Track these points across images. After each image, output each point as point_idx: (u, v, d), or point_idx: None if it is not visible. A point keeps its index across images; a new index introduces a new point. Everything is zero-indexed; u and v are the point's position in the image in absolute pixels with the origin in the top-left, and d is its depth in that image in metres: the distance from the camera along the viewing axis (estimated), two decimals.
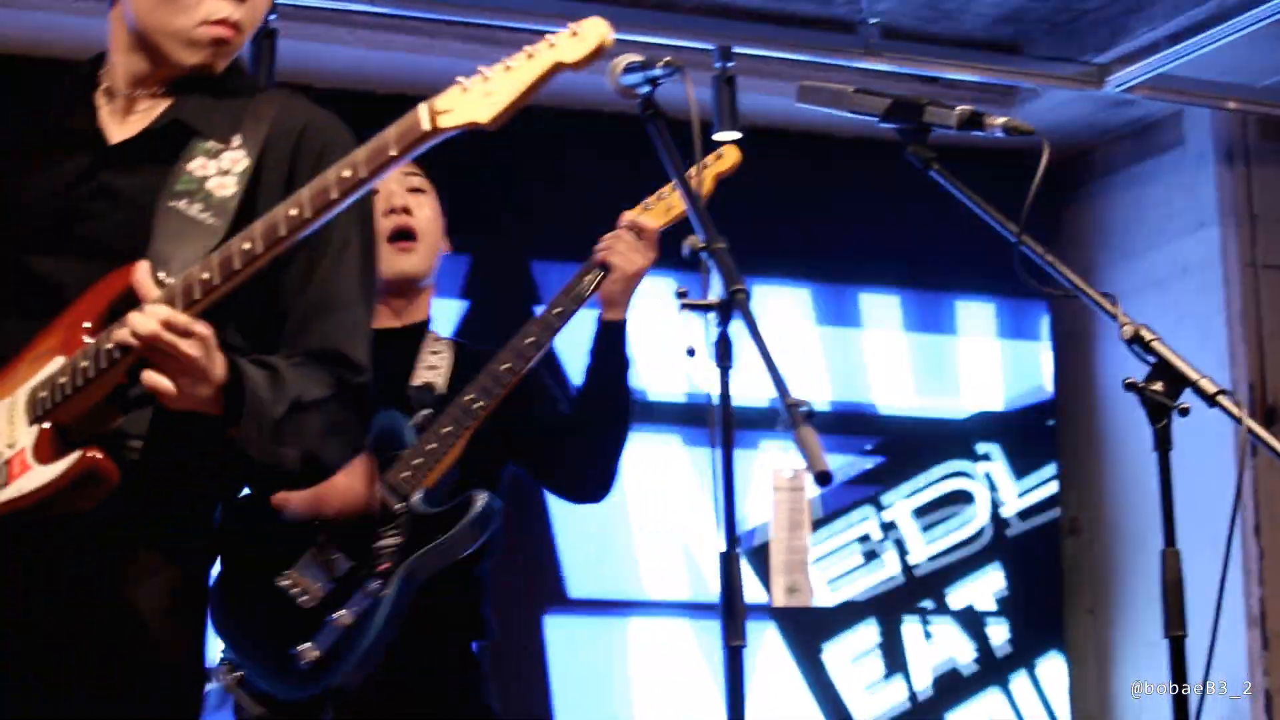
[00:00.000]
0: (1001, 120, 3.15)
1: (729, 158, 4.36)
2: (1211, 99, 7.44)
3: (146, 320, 2.57)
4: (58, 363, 2.68)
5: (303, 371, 2.79)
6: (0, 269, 2.86)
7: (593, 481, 4.36)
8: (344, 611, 3.83)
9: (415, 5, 6.48)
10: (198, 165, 2.83)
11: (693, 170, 2.98)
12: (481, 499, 3.97)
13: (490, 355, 4.13)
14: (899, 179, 3.78)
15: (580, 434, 4.28)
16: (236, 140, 2.87)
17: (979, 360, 8.04)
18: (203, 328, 2.60)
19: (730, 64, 6.54)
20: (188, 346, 2.58)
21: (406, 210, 4.22)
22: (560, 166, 7.23)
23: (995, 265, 3.47)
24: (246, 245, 2.62)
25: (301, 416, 2.75)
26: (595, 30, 2.54)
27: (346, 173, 2.62)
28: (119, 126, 2.93)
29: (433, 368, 4.25)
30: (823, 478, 2.48)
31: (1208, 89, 7.36)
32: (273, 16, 6.04)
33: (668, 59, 3.03)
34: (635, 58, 3.05)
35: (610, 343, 4.27)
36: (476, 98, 2.55)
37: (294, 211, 2.62)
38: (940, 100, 3.26)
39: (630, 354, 4.28)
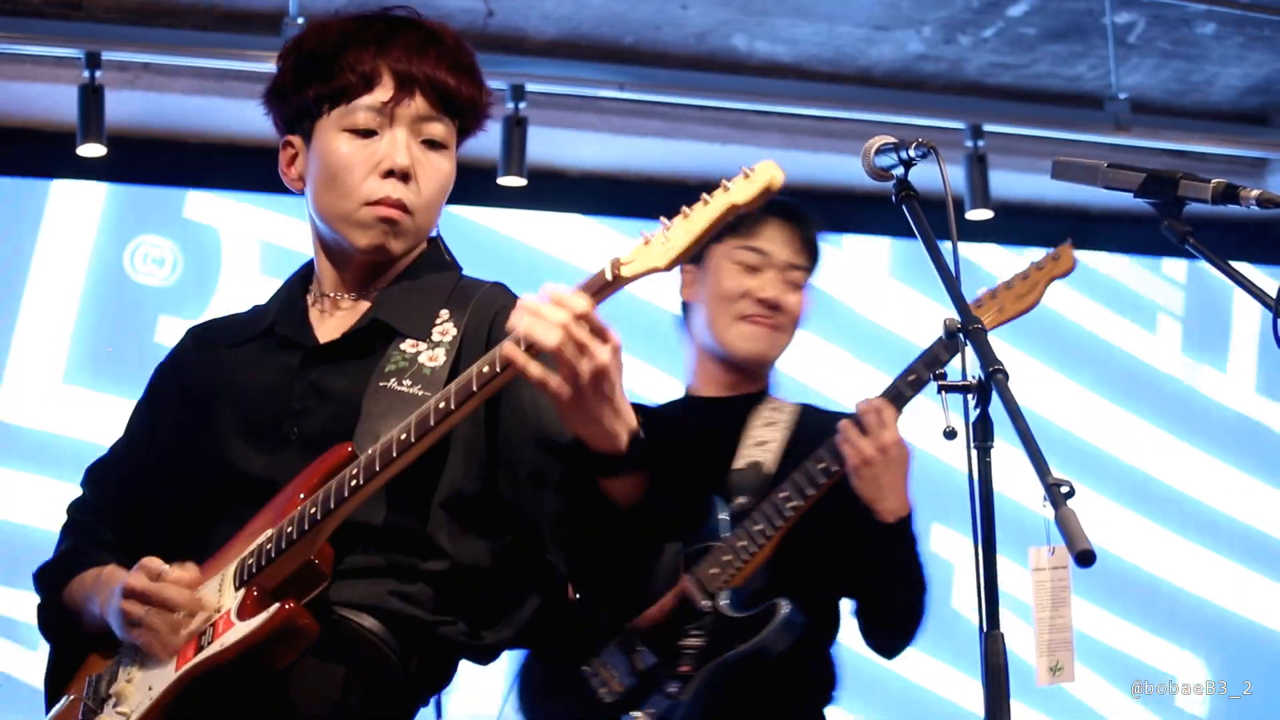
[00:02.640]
0: (1256, 193, 3.10)
1: (1064, 260, 4.04)
2: None
3: (547, 313, 2.54)
4: (267, 534, 2.76)
5: None
6: (209, 470, 2.92)
7: (892, 638, 4.12)
8: (639, 714, 3.79)
9: (663, 90, 6.58)
10: (409, 343, 2.88)
11: (949, 245, 2.97)
12: (784, 609, 3.82)
13: (836, 421, 3.90)
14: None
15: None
16: (443, 315, 2.90)
17: None
18: (614, 337, 2.58)
19: (981, 142, 6.61)
20: (602, 350, 2.55)
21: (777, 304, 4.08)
22: None
23: None
24: (441, 404, 2.63)
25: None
26: (766, 172, 2.55)
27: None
28: (325, 327, 3.01)
29: (762, 443, 4.03)
30: (1084, 558, 2.44)
31: None
32: (523, 104, 6.20)
33: (920, 139, 3.04)
34: (888, 139, 3.06)
35: (888, 548, 3.94)
36: (656, 248, 2.57)
37: (485, 368, 2.62)
38: (1193, 175, 3.22)
39: (920, 554, 3.95)
